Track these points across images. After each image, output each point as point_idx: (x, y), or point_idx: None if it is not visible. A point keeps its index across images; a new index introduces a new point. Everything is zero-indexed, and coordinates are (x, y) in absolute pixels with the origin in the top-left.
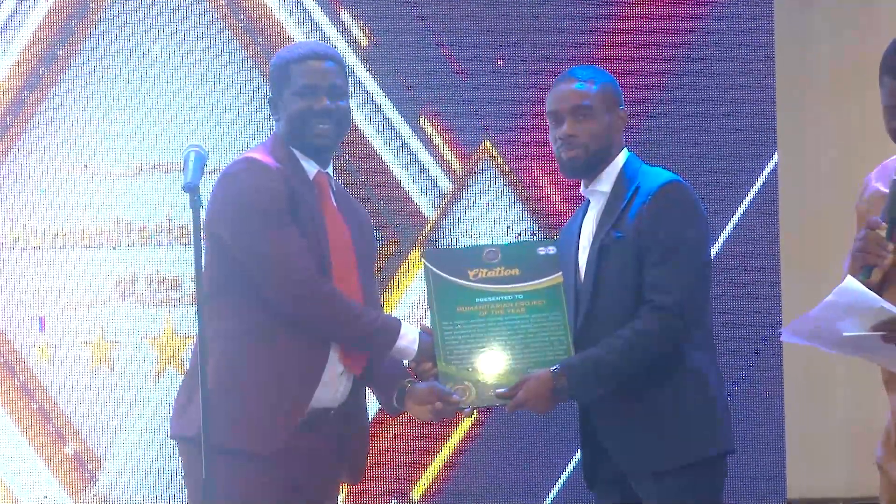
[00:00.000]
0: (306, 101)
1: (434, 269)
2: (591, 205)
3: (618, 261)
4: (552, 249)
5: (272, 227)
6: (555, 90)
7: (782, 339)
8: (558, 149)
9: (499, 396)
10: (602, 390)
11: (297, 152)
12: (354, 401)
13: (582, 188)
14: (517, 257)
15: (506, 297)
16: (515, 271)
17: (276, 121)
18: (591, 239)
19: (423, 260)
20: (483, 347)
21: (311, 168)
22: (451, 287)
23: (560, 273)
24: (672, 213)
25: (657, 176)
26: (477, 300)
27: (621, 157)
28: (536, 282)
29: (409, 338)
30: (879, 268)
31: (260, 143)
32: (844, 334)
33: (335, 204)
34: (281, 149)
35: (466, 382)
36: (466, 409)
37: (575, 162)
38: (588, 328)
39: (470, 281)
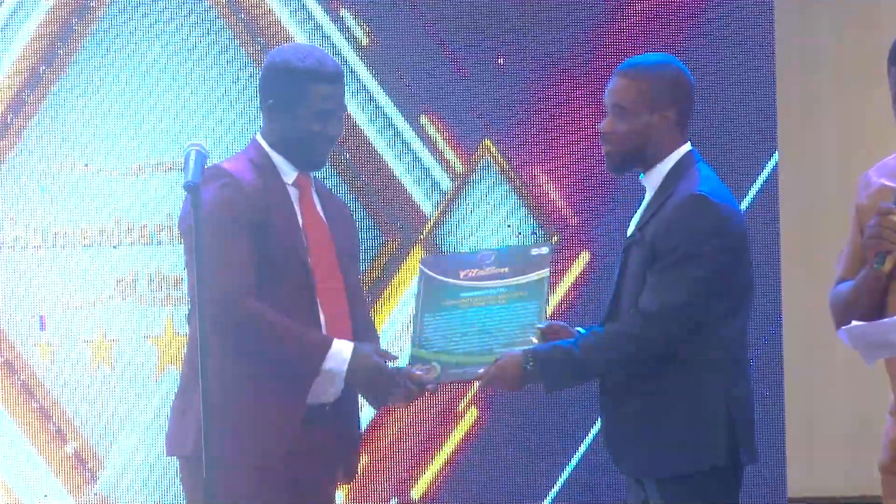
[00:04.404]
0: (321, 125)
1: (427, 272)
2: (646, 193)
3: (636, 263)
4: (545, 249)
5: (215, 239)
6: (611, 80)
7: (838, 334)
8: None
9: (476, 377)
10: (573, 381)
11: (279, 156)
12: (347, 397)
13: (640, 175)
14: (510, 259)
15: (489, 291)
16: (504, 270)
17: (268, 122)
18: (632, 231)
19: (420, 265)
20: (456, 332)
21: (290, 171)
22: (440, 285)
23: (547, 269)
24: (688, 226)
25: (690, 186)
26: (461, 295)
27: (673, 157)
28: (522, 277)
29: (339, 359)
30: (892, 255)
31: (242, 150)
32: None
33: (317, 204)
34: (260, 155)
35: (433, 363)
36: (430, 386)
37: (609, 158)
38: (612, 319)
39: (459, 280)
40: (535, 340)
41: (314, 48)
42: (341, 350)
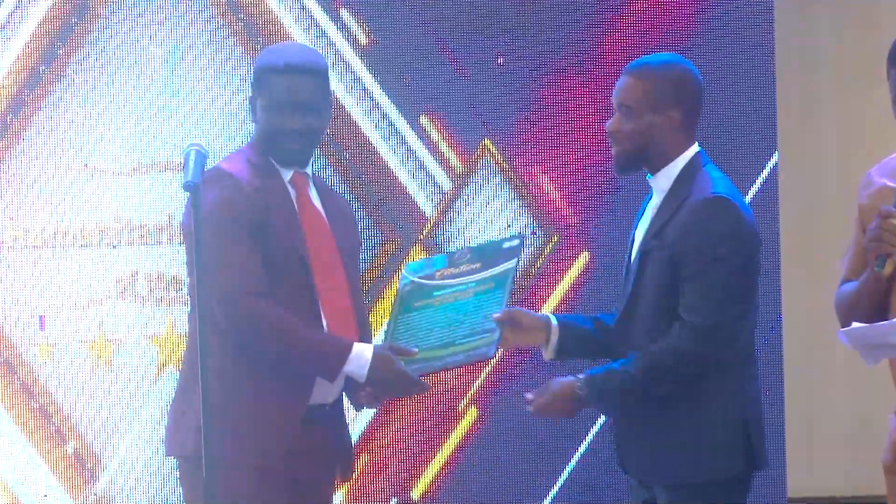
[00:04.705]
0: (278, 118)
1: (406, 275)
2: (654, 194)
3: (655, 269)
4: (516, 242)
5: (215, 240)
6: (619, 79)
7: (838, 336)
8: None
9: (528, 402)
10: (626, 404)
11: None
12: (342, 396)
13: (648, 176)
14: (483, 254)
15: (459, 287)
16: (477, 265)
17: (255, 123)
18: (644, 233)
19: (403, 270)
20: (423, 330)
21: (287, 171)
22: (416, 286)
23: (515, 259)
24: (708, 230)
25: (705, 188)
26: (434, 294)
27: (682, 159)
28: (491, 270)
29: (359, 362)
30: (892, 259)
31: (240, 148)
32: None
33: (315, 202)
34: (257, 154)
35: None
36: None
37: (616, 158)
38: (624, 327)
39: (435, 280)
40: (495, 331)
41: (292, 45)
42: (362, 352)
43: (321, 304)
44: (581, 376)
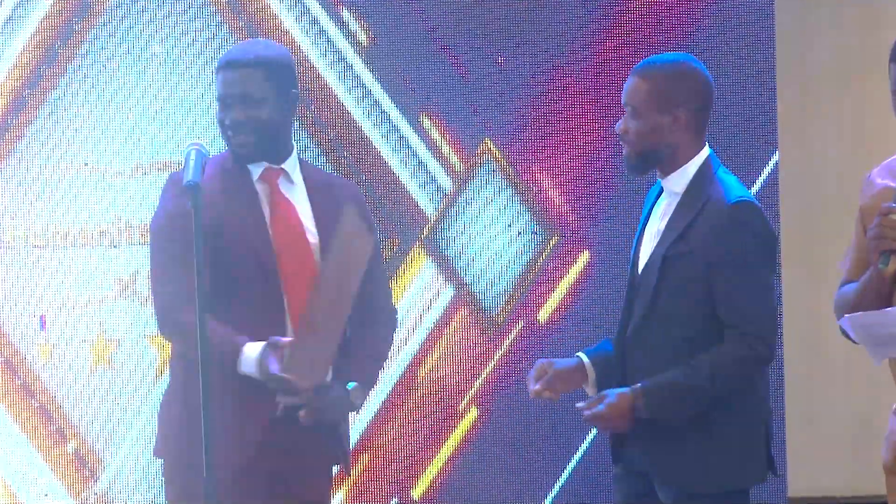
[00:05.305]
0: (219, 113)
1: None
2: (663, 195)
3: (681, 272)
4: None
5: (158, 253)
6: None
7: (840, 322)
8: None
9: (578, 409)
10: (683, 414)
11: None
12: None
13: (658, 175)
14: None
15: None
16: None
17: None
18: (658, 236)
19: None
20: None
21: (256, 168)
22: None
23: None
24: (746, 235)
25: (728, 192)
26: None
27: (696, 162)
28: None
29: (249, 363)
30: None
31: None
32: None
33: (292, 196)
34: (230, 154)
35: None
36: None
37: (626, 159)
38: (644, 329)
39: None
40: None
41: (247, 41)
42: (250, 353)
43: (290, 304)
44: (637, 388)
